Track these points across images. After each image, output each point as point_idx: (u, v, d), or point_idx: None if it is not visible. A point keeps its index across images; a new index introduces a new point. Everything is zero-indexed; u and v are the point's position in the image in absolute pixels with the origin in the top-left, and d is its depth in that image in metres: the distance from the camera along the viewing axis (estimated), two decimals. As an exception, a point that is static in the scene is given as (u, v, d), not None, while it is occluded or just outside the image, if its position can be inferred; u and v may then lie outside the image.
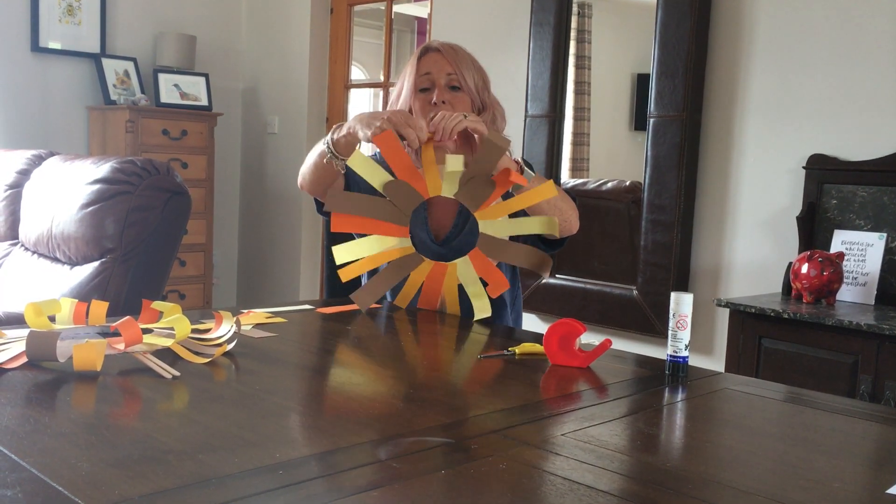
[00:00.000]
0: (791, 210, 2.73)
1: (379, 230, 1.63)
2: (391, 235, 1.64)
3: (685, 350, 1.25)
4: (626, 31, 3.65)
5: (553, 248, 1.86)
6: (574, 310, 3.22)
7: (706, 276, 2.99)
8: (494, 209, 1.62)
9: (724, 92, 2.91)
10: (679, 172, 2.92)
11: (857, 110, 2.61)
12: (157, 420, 0.98)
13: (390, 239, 1.64)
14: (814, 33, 2.70)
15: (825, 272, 2.38)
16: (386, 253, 1.65)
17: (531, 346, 1.36)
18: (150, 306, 1.39)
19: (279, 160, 4.72)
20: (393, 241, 1.64)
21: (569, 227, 1.78)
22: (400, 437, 0.94)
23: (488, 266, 1.63)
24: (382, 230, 1.63)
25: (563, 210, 1.73)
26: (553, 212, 1.71)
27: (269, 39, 4.74)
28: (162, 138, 4.14)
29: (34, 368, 1.13)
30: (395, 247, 1.65)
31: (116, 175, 2.46)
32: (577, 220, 1.79)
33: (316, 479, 0.79)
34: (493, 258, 1.64)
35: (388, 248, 1.64)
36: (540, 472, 0.85)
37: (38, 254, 2.68)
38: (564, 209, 1.73)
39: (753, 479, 0.85)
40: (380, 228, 1.63)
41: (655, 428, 1.04)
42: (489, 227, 1.61)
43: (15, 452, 0.81)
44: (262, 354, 1.30)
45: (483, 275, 1.64)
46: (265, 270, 4.85)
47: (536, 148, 3.33)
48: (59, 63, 4.18)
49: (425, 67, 1.79)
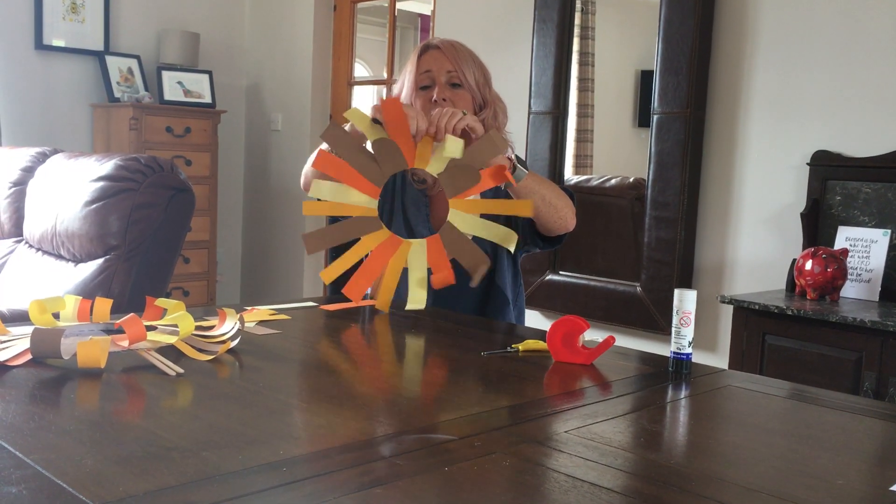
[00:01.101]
0: (795, 206, 2.72)
1: (355, 183, 1.60)
2: (364, 192, 1.60)
3: (689, 347, 1.25)
4: (629, 28, 3.64)
5: (551, 245, 1.86)
6: (577, 307, 3.22)
7: (710, 272, 2.98)
8: (470, 203, 1.58)
9: (728, 88, 2.91)
10: (683, 169, 2.92)
11: (862, 106, 2.61)
12: (160, 417, 0.99)
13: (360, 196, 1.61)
14: (818, 30, 2.69)
15: (829, 269, 2.38)
16: (350, 206, 1.62)
17: (534, 343, 1.36)
18: (153, 303, 1.40)
19: (283, 157, 4.72)
20: (361, 199, 1.61)
21: (563, 223, 1.76)
22: (403, 434, 0.94)
23: (441, 256, 1.59)
24: (358, 184, 1.60)
25: (556, 206, 1.71)
26: (546, 208, 1.70)
27: (272, 36, 4.74)
28: (166, 135, 4.14)
29: (38, 366, 1.13)
30: (362, 204, 1.61)
31: (120, 172, 2.47)
32: (573, 216, 1.77)
33: (319, 476, 0.79)
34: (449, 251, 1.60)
35: (354, 202, 1.61)
36: (543, 469, 0.85)
37: (42, 251, 2.68)
38: (558, 205, 1.72)
39: (757, 476, 0.85)
40: (356, 182, 1.60)
41: (659, 425, 1.04)
42: (456, 217, 1.58)
43: (19, 449, 0.81)
44: (266, 351, 1.30)
45: (433, 264, 1.58)
46: (269, 267, 4.86)
47: (540, 145, 3.32)
48: (63, 60, 4.19)
49: (425, 65, 1.79)
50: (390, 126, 1.55)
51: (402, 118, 1.54)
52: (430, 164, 1.56)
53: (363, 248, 1.61)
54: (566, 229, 1.78)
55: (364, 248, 1.61)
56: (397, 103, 1.54)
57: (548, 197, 1.69)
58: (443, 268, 1.58)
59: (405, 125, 1.55)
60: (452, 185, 1.55)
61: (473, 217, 1.57)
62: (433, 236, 1.58)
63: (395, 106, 1.54)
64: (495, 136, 1.55)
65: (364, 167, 1.57)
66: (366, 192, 1.59)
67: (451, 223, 1.56)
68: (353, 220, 1.61)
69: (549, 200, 1.70)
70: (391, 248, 1.60)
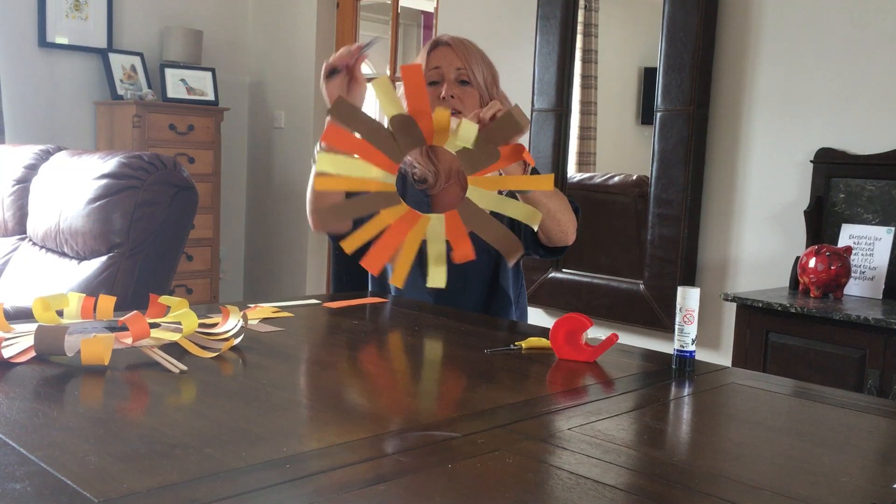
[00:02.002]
0: (798, 204, 2.72)
1: (369, 157, 1.57)
2: (379, 167, 1.57)
3: (692, 344, 1.25)
4: (632, 25, 3.64)
5: (551, 255, 1.85)
6: (581, 304, 3.22)
7: (713, 270, 2.98)
8: (488, 180, 1.56)
9: (731, 86, 2.90)
10: (686, 167, 2.92)
11: (865, 104, 2.60)
12: (164, 414, 0.99)
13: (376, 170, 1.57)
14: (821, 27, 2.69)
15: (833, 266, 2.38)
16: (366, 181, 1.58)
17: (538, 340, 1.36)
18: (157, 301, 1.40)
19: (286, 155, 4.72)
20: (377, 174, 1.58)
21: (564, 237, 1.75)
22: (406, 431, 0.94)
23: (461, 232, 1.56)
24: (373, 158, 1.57)
25: (560, 221, 1.71)
26: (548, 219, 1.69)
27: (275, 34, 4.74)
28: (169, 133, 4.14)
29: (42, 363, 1.14)
30: (378, 178, 1.58)
31: (123, 170, 2.47)
32: (573, 231, 1.76)
33: (323, 473, 0.79)
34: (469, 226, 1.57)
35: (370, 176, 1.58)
36: (546, 466, 0.85)
37: (45, 248, 2.68)
38: (562, 220, 1.71)
39: (760, 474, 0.85)
40: (370, 155, 1.57)
41: (662, 422, 1.04)
42: (475, 194, 1.55)
43: (23, 446, 0.81)
44: (269, 349, 1.30)
45: (452, 238, 1.53)
46: (272, 265, 4.86)
47: (543, 142, 3.32)
48: (67, 58, 4.19)
49: (435, 61, 1.79)
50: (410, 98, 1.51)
51: (422, 89, 1.51)
52: (449, 142, 1.52)
53: (383, 221, 1.54)
54: (565, 243, 1.77)
55: (383, 221, 1.54)
56: (419, 71, 1.50)
57: (552, 209, 1.68)
58: (462, 242, 1.53)
59: (424, 97, 1.51)
60: (470, 162, 1.51)
61: (493, 194, 1.54)
62: (451, 212, 1.53)
63: (417, 73, 1.50)
64: (517, 114, 1.51)
65: (380, 141, 1.53)
66: (382, 166, 1.53)
67: (469, 199, 1.51)
68: (371, 194, 1.55)
69: (553, 213, 1.68)
70: (410, 222, 1.54)
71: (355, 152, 1.56)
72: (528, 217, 1.52)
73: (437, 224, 1.54)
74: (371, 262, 1.57)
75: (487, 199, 1.54)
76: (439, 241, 1.53)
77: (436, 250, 1.53)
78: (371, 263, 1.57)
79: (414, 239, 1.55)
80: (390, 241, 1.56)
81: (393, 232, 1.56)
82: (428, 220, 1.54)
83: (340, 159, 1.56)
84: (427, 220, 1.54)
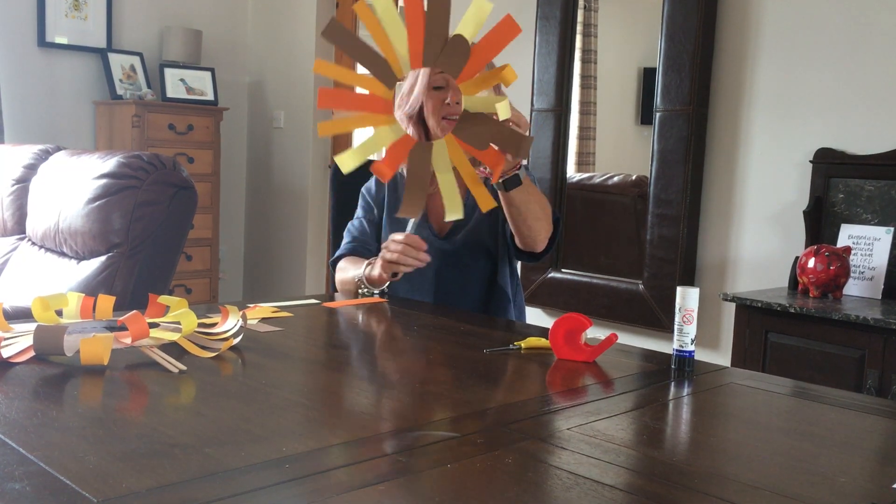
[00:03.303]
0: (798, 204, 2.72)
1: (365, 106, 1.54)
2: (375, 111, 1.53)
3: (691, 344, 1.25)
4: (632, 25, 3.64)
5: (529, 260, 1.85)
6: (580, 304, 3.22)
7: (712, 270, 2.98)
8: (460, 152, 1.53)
9: (731, 86, 2.90)
10: (685, 167, 2.92)
11: (864, 104, 2.60)
12: (163, 414, 0.99)
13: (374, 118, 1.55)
14: (821, 27, 2.69)
15: (832, 266, 2.38)
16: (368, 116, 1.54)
17: (537, 340, 1.36)
18: (156, 300, 1.40)
19: (285, 155, 4.72)
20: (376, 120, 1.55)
21: (533, 244, 1.74)
22: (406, 431, 0.94)
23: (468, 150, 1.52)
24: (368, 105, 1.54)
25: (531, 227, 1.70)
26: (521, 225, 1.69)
27: (275, 34, 4.74)
28: (168, 133, 4.14)
29: (42, 362, 1.14)
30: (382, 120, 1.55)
31: (123, 170, 2.47)
32: (544, 240, 1.76)
33: (322, 472, 0.79)
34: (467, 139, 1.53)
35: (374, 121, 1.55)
36: (546, 466, 0.85)
37: (45, 248, 2.68)
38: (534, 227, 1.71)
39: (759, 474, 0.85)
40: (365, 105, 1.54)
41: (661, 422, 1.04)
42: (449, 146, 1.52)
43: (23, 446, 0.81)
44: (269, 349, 1.30)
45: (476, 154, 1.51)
46: (271, 265, 4.86)
47: (542, 142, 3.32)
48: (66, 58, 4.19)
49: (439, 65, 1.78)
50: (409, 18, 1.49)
51: (421, 14, 1.49)
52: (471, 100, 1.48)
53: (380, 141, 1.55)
54: (533, 249, 1.77)
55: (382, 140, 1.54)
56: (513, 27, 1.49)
57: (526, 214, 1.67)
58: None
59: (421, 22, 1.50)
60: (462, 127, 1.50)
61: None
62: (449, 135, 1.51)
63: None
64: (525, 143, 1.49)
65: (372, 64, 1.51)
66: (376, 111, 1.52)
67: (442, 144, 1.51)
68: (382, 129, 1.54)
69: (525, 218, 1.68)
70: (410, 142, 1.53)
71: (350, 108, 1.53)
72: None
73: (441, 150, 1.51)
74: (381, 169, 1.54)
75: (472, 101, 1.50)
76: (447, 170, 1.51)
77: (446, 179, 1.51)
78: (381, 169, 1.54)
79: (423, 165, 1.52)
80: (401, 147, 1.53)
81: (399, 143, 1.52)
82: (431, 146, 1.52)
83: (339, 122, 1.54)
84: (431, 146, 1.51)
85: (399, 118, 1.81)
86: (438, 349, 1.46)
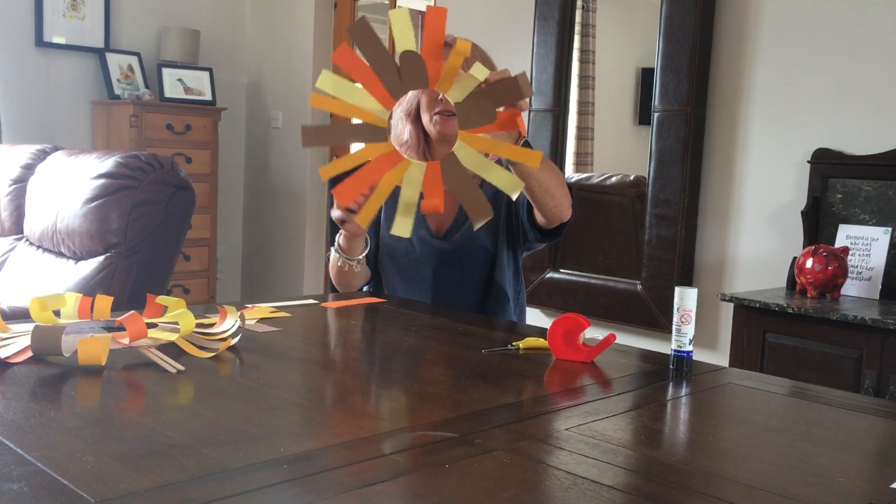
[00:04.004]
0: (796, 204, 2.72)
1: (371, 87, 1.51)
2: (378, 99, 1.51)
3: (689, 345, 1.25)
4: (630, 25, 3.64)
5: (550, 239, 1.85)
6: (578, 304, 3.22)
7: (710, 270, 2.98)
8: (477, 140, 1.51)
9: (728, 86, 2.91)
10: (683, 167, 2.92)
11: (862, 104, 2.61)
12: (161, 414, 0.99)
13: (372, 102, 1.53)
14: (819, 27, 2.69)
15: (830, 267, 2.38)
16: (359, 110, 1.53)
17: (535, 340, 1.36)
18: (154, 301, 1.40)
19: (283, 155, 4.72)
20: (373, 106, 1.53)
21: (559, 212, 1.73)
22: (404, 431, 0.94)
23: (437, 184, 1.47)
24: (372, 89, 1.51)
25: (554, 194, 1.69)
26: (543, 195, 1.68)
27: (273, 34, 4.74)
28: (166, 133, 4.14)
29: (39, 363, 1.14)
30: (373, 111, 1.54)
31: (121, 170, 2.47)
32: (569, 206, 1.75)
33: (320, 473, 0.79)
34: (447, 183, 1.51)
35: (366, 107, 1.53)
36: (544, 466, 0.85)
37: (42, 248, 2.68)
38: (556, 193, 1.70)
39: (757, 474, 0.85)
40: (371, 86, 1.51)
41: (659, 423, 1.04)
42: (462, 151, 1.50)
43: (20, 446, 0.81)
44: (267, 349, 1.30)
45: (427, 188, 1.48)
46: (269, 265, 4.86)
47: (541, 143, 3.32)
48: (64, 58, 4.19)
49: None
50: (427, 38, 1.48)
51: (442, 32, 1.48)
52: (451, 91, 1.50)
53: (365, 154, 1.51)
54: (561, 219, 1.76)
55: (366, 154, 1.51)
56: (443, 16, 1.48)
57: (546, 182, 1.66)
58: (435, 195, 1.48)
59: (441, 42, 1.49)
60: (466, 118, 1.49)
61: (479, 155, 1.47)
62: (433, 163, 1.49)
63: (441, 17, 1.47)
64: (523, 81, 1.49)
65: (385, 72, 1.50)
66: (379, 99, 1.49)
67: (455, 155, 1.47)
68: (359, 125, 1.51)
69: (547, 186, 1.66)
70: (391, 162, 1.50)
71: (359, 80, 1.52)
72: (510, 186, 1.44)
73: (417, 171, 1.49)
74: (343, 193, 1.52)
75: (472, 159, 1.49)
76: (414, 188, 1.48)
77: (408, 196, 1.48)
78: (343, 194, 1.52)
79: (390, 181, 1.50)
80: (367, 175, 1.50)
81: (372, 167, 1.50)
82: (409, 164, 1.50)
83: (341, 81, 1.52)
84: (407, 165, 1.49)
85: (398, 117, 1.81)
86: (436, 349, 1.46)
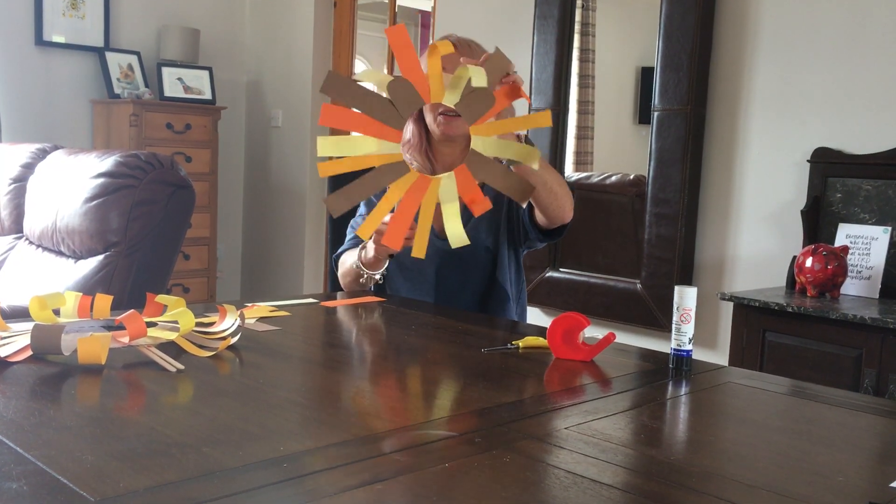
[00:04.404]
0: (795, 204, 2.72)
1: (370, 130, 1.54)
2: (382, 138, 1.53)
3: (689, 344, 1.25)
4: (630, 24, 3.64)
5: (551, 239, 1.85)
6: (578, 303, 3.22)
7: (710, 269, 2.98)
8: (488, 126, 1.54)
9: (728, 85, 2.91)
10: (683, 166, 2.92)
11: (862, 104, 2.61)
12: (161, 413, 0.99)
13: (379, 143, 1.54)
14: (819, 26, 2.69)
15: (829, 266, 2.38)
16: (370, 157, 1.55)
17: (535, 339, 1.36)
18: (154, 300, 1.40)
19: (283, 154, 4.72)
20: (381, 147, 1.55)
21: (561, 213, 1.74)
22: (404, 430, 0.94)
23: (472, 185, 1.51)
24: (374, 130, 1.54)
25: (557, 194, 1.70)
26: (547, 195, 1.69)
27: (272, 33, 4.73)
28: (166, 132, 4.14)
29: (39, 362, 1.14)
30: (383, 152, 1.55)
31: (120, 169, 2.47)
32: (571, 206, 1.76)
33: (320, 472, 0.79)
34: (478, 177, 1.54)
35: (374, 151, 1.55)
36: (544, 465, 0.85)
37: (42, 247, 2.68)
38: (559, 193, 1.70)
39: (757, 473, 0.85)
40: (371, 128, 1.54)
41: (659, 422, 1.04)
42: (479, 143, 1.52)
43: (20, 445, 0.81)
44: (266, 348, 1.30)
45: (465, 193, 1.51)
46: (269, 264, 4.86)
47: (540, 141, 3.32)
48: (63, 57, 4.19)
49: None
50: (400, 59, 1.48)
51: (410, 46, 1.49)
52: (447, 97, 1.51)
53: (393, 197, 1.52)
54: (563, 220, 1.76)
55: (394, 196, 1.52)
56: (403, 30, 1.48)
57: (548, 180, 1.67)
58: (476, 196, 1.51)
59: (413, 58, 1.49)
60: (469, 111, 1.50)
61: (493, 139, 1.50)
62: (460, 166, 1.50)
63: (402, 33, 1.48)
64: (498, 55, 1.48)
65: (377, 110, 1.50)
66: (385, 136, 1.50)
67: (475, 150, 1.49)
68: (376, 170, 1.51)
69: (549, 185, 1.67)
70: (421, 190, 1.51)
71: (356, 129, 1.53)
72: (526, 156, 1.47)
73: (449, 182, 1.51)
74: (391, 238, 1.53)
75: (490, 146, 1.50)
76: (453, 200, 1.50)
77: (451, 209, 1.50)
78: (391, 239, 1.53)
79: (428, 204, 1.51)
80: (405, 212, 1.52)
81: (406, 205, 1.52)
82: (439, 181, 1.51)
83: (340, 139, 1.53)
84: (438, 182, 1.51)
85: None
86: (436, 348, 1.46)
